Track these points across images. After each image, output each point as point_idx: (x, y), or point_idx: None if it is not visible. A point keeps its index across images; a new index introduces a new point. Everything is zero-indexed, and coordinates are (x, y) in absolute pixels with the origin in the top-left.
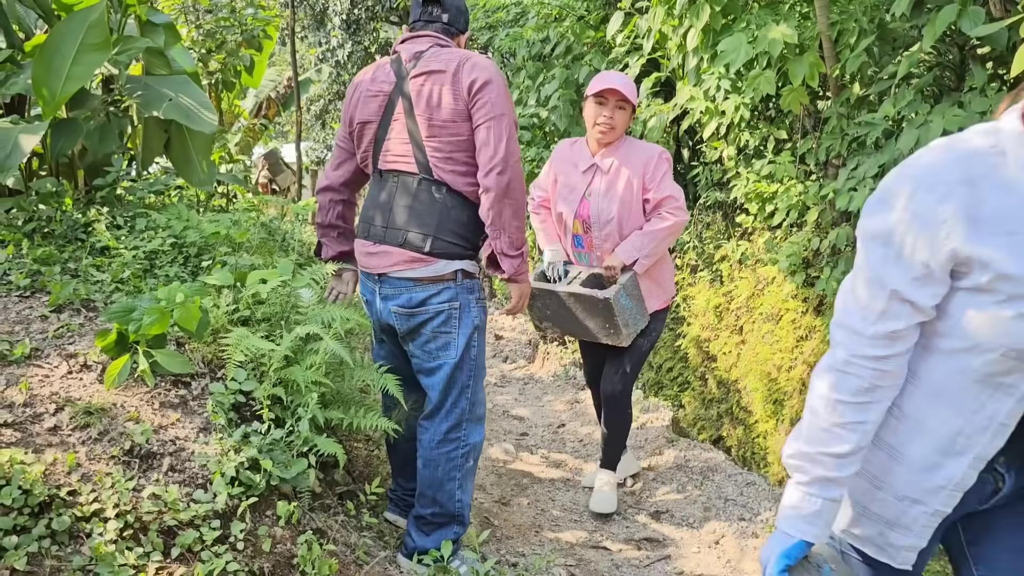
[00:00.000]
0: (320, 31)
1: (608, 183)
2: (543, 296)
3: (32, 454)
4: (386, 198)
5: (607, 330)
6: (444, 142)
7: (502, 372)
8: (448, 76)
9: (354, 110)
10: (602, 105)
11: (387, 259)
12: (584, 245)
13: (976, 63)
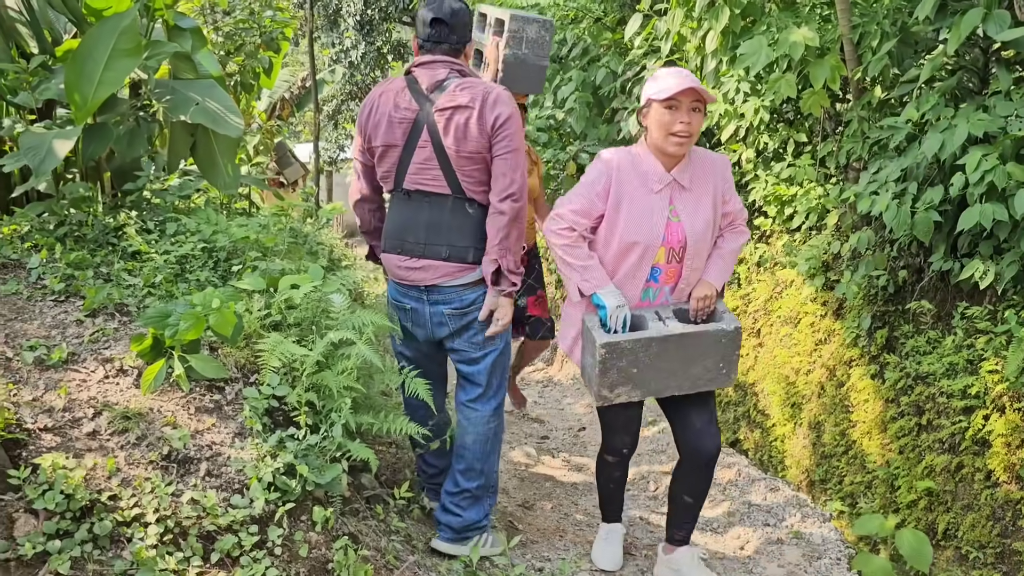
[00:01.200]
0: (334, 32)
1: (694, 201)
2: (633, 351)
3: (73, 459)
4: (418, 217)
5: (718, 371)
6: (474, 168)
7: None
8: (475, 112)
9: (374, 131)
10: (674, 110)
11: (433, 272)
12: (661, 278)
13: (1001, 66)
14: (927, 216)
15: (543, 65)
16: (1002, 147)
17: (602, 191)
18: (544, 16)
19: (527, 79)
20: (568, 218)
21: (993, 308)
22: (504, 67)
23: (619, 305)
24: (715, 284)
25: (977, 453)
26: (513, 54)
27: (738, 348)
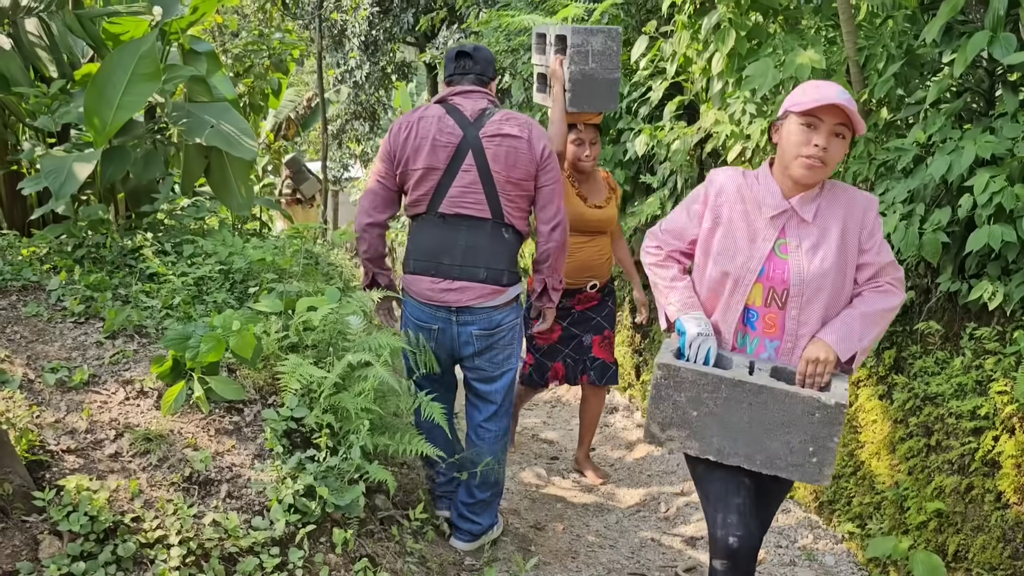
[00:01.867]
0: (338, 52)
1: (816, 239)
2: (696, 386)
3: (96, 480)
4: (455, 239)
5: (805, 456)
6: (518, 194)
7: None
8: (524, 142)
9: (413, 155)
10: (813, 129)
11: (468, 293)
12: (759, 326)
13: (1007, 89)
14: (935, 237)
15: (614, 78)
16: (1009, 169)
17: (697, 211)
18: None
19: (598, 95)
20: (659, 236)
21: (1002, 329)
22: (571, 85)
23: (701, 333)
24: (833, 347)
25: (987, 474)
26: (579, 70)
27: (837, 433)
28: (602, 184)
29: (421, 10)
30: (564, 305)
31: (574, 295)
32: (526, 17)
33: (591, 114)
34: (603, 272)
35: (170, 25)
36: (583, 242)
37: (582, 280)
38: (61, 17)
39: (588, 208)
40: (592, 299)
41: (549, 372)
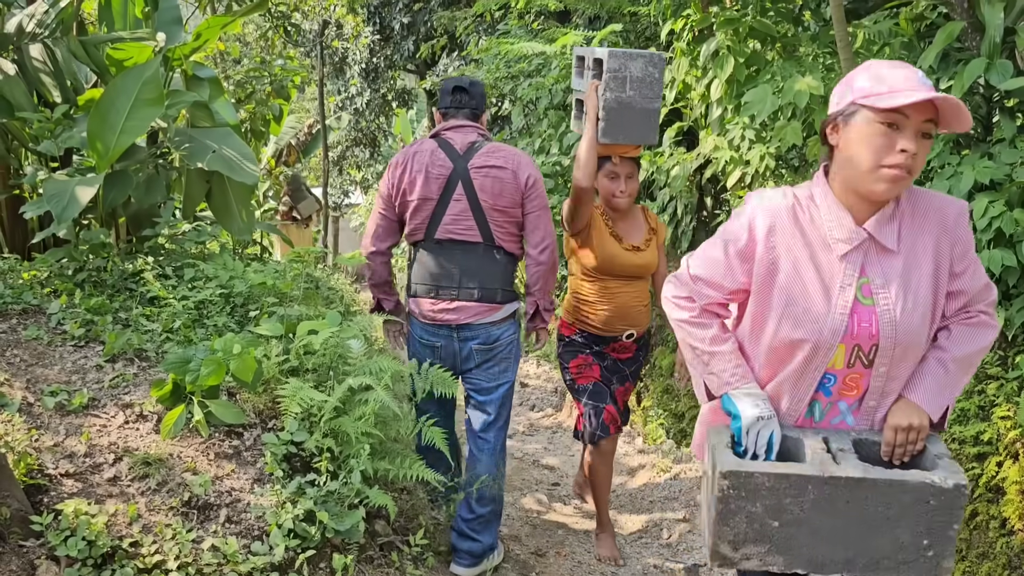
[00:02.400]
0: (339, 79)
1: (904, 272)
2: (775, 492)
3: (94, 504)
4: (451, 263)
5: (918, 551)
6: (505, 220)
7: (530, 420)
8: (510, 173)
9: (409, 187)
10: (897, 130)
11: (465, 312)
12: (837, 389)
13: (1004, 115)
14: None
15: (653, 108)
16: (1008, 193)
17: (742, 254)
18: (649, 50)
19: (634, 126)
20: (689, 284)
21: (1003, 354)
22: (605, 114)
23: (761, 417)
24: (925, 408)
25: (991, 500)
26: (615, 98)
27: (958, 519)
28: (641, 223)
29: (421, 38)
30: (598, 350)
31: (609, 343)
32: (525, 44)
33: (629, 146)
34: (641, 321)
35: (173, 51)
36: (618, 287)
37: (617, 329)
38: (65, 43)
39: (624, 250)
40: (627, 350)
41: (604, 415)
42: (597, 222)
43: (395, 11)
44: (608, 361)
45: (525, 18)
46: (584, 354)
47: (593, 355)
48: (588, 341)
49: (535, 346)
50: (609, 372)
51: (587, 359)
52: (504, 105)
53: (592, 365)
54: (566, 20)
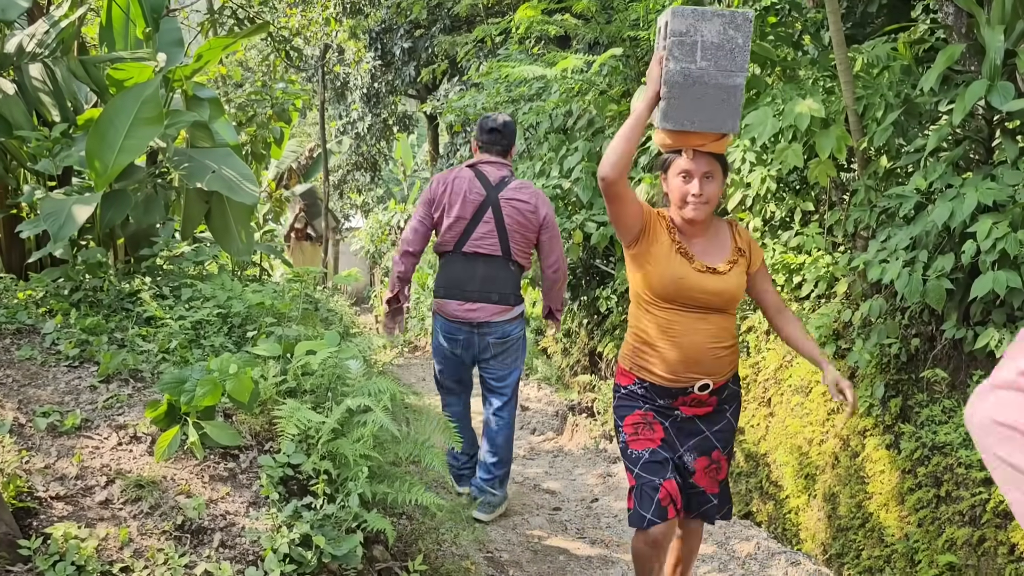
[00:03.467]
0: (341, 104)
1: None
2: None
3: (85, 528)
4: (475, 272)
5: None
6: (522, 240)
7: (531, 444)
8: (532, 207)
9: (449, 205)
10: None
11: (485, 312)
12: None
13: (1006, 136)
14: (939, 284)
15: (734, 84)
16: (1012, 215)
17: None
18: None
19: (708, 107)
20: None
21: None
22: (667, 91)
23: None
24: None
25: (999, 526)
26: (681, 70)
27: None
28: (726, 240)
29: (422, 63)
30: (664, 405)
31: (676, 396)
32: (525, 68)
33: (706, 136)
34: (720, 368)
35: (174, 72)
36: (688, 322)
37: (685, 378)
38: (65, 63)
39: (696, 271)
40: (705, 404)
41: (661, 492)
42: (659, 234)
43: (396, 37)
44: (678, 420)
45: (525, 43)
46: (643, 409)
47: (656, 411)
48: (650, 393)
49: (550, 333)
50: (679, 435)
51: (646, 416)
52: None
53: (653, 424)
54: (566, 45)
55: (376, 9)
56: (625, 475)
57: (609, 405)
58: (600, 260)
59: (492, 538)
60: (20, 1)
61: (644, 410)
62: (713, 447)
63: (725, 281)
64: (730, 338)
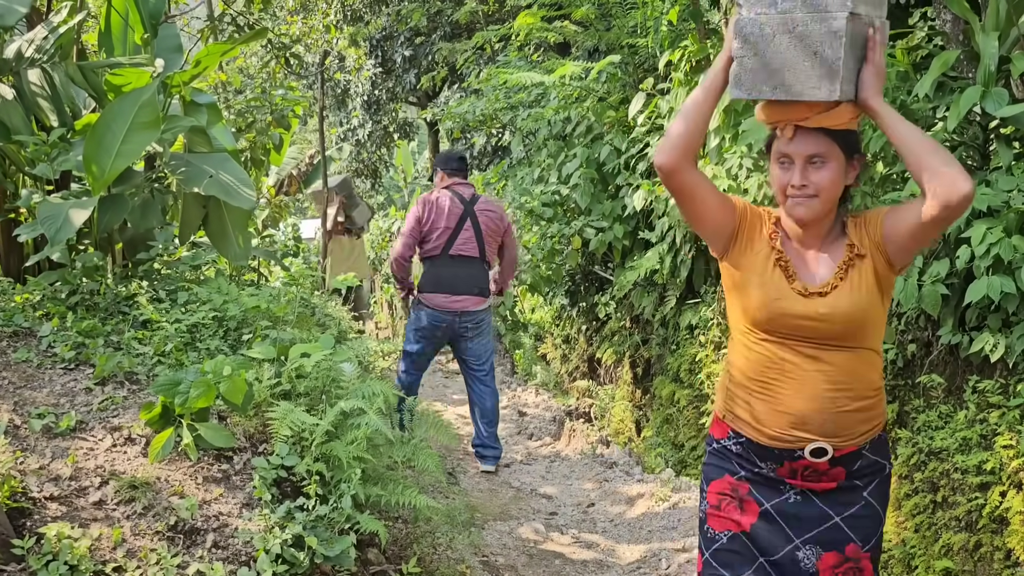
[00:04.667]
0: (341, 111)
1: None
2: None
3: (78, 528)
4: (459, 271)
5: None
6: (492, 243)
7: (528, 449)
8: (498, 215)
9: (436, 219)
10: None
11: (468, 303)
12: None
13: (1000, 142)
14: (934, 289)
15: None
16: (1006, 220)
17: None
18: None
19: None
20: None
21: (1004, 381)
22: (739, 45)
23: None
24: None
25: (995, 531)
26: (755, 18)
27: None
28: (841, 246)
29: (423, 70)
30: (767, 473)
31: (781, 460)
32: (524, 74)
33: (810, 106)
34: (845, 428)
35: (172, 78)
36: (794, 362)
37: (790, 437)
38: (63, 68)
39: (797, 293)
40: (824, 476)
41: None
42: (755, 240)
43: (397, 44)
44: (789, 500)
45: (525, 50)
46: (737, 477)
47: (754, 482)
48: (748, 453)
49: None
50: (791, 523)
51: (738, 488)
52: (504, 135)
53: (745, 501)
54: (566, 52)
55: (377, 16)
56: (623, 480)
57: (606, 409)
58: (599, 266)
59: (488, 542)
60: (19, 7)
61: (738, 478)
62: (846, 539)
63: (831, 303)
64: (863, 385)
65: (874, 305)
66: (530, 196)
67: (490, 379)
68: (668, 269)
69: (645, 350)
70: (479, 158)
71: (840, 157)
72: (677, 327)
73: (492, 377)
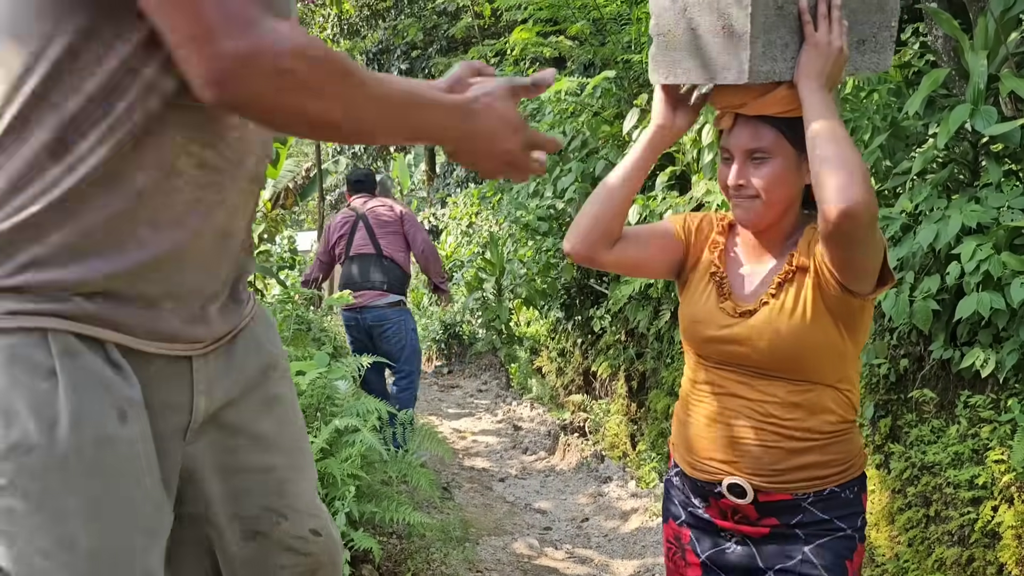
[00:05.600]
0: None
1: None
2: None
3: None
4: (355, 268)
5: None
6: (390, 237)
7: (522, 464)
8: (389, 208)
9: (335, 234)
10: None
11: (365, 297)
12: None
13: (990, 159)
14: (925, 305)
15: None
16: (996, 237)
17: None
18: None
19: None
20: None
21: (996, 396)
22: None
23: None
24: None
25: (988, 546)
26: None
27: None
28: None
29: None
30: (701, 515)
31: (707, 497)
32: None
33: (743, 91)
34: (769, 466)
35: None
36: (724, 386)
37: (709, 467)
38: None
39: (722, 312)
40: (752, 522)
41: None
42: (704, 253)
43: (393, 58)
44: (726, 547)
45: (520, 64)
46: (678, 522)
47: (694, 526)
48: (684, 487)
49: (441, 306)
50: (723, 572)
51: (680, 536)
52: None
53: (685, 551)
54: (561, 67)
55: (373, 31)
56: (618, 494)
57: (601, 423)
58: (594, 280)
59: (482, 557)
60: None
61: (679, 523)
62: (849, 543)
63: (752, 324)
64: (804, 425)
65: (817, 332)
66: (525, 210)
67: (406, 392)
68: (662, 283)
69: (640, 363)
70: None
71: (789, 152)
72: (672, 341)
73: (408, 391)
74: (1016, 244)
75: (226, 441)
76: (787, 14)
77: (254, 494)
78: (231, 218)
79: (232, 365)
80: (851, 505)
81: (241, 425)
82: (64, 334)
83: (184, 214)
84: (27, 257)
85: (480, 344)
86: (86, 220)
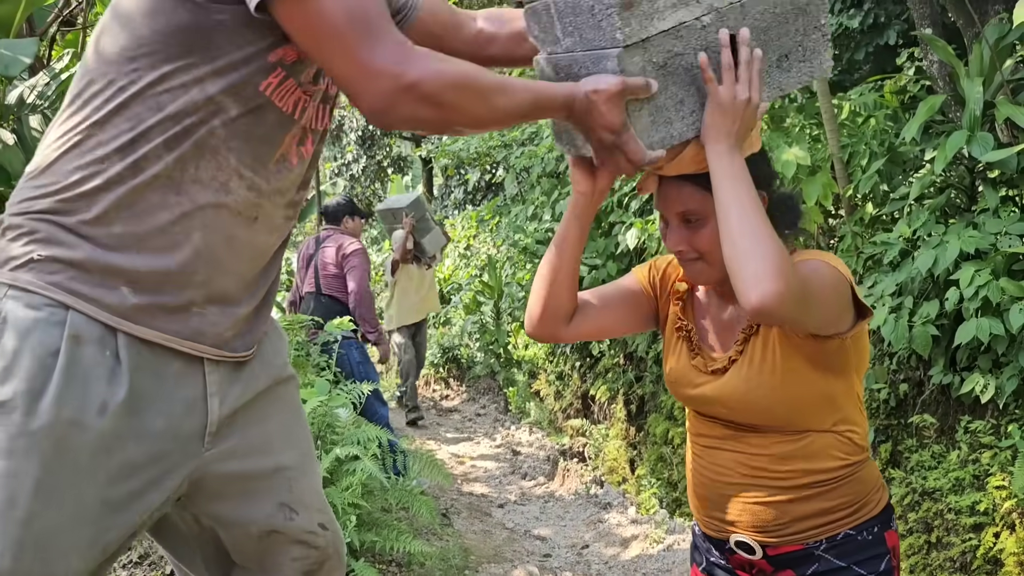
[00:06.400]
0: (336, 146)
1: None
2: None
3: None
4: (303, 306)
5: None
6: (330, 277)
7: (522, 489)
8: (335, 248)
9: (299, 266)
10: None
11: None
12: None
13: (987, 185)
14: (925, 330)
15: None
16: (994, 263)
17: None
18: None
19: None
20: None
21: (996, 422)
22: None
23: None
24: None
25: (990, 573)
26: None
27: None
28: None
29: None
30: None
31: (722, 550)
32: None
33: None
34: (773, 520)
35: None
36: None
37: (716, 526)
38: None
39: (695, 368)
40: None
41: None
42: (669, 308)
43: None
44: None
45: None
46: (702, 568)
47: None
48: (704, 539)
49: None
50: None
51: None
52: (498, 172)
53: None
54: None
55: None
56: (618, 521)
57: (600, 448)
58: None
59: None
60: (23, 58)
61: (703, 569)
62: None
63: (721, 385)
64: (802, 473)
65: (792, 384)
66: (524, 233)
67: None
68: None
69: (639, 387)
70: (473, 193)
71: (712, 210)
72: None
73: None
74: (1014, 270)
75: (238, 445)
76: (673, 70)
77: (268, 493)
78: (268, 237)
79: (244, 372)
80: (870, 547)
81: (251, 429)
82: (83, 318)
83: (231, 228)
84: (90, 241)
85: (478, 367)
86: (147, 218)
